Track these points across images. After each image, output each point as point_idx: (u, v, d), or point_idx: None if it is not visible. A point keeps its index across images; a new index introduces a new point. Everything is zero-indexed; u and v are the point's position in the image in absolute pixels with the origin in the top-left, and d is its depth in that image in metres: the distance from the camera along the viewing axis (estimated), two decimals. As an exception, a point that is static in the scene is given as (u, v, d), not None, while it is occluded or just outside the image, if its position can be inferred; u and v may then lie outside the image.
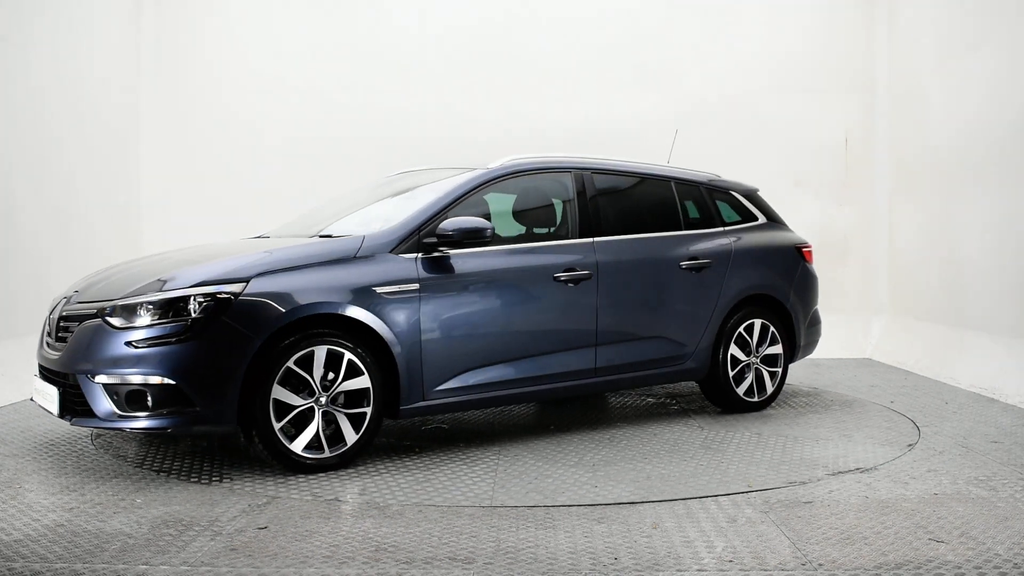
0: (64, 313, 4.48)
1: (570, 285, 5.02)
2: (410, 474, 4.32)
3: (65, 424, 5.37)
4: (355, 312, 4.30)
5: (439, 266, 4.61)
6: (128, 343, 4.05)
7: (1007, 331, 6.67)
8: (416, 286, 4.49)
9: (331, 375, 4.27)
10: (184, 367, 4.00)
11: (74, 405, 4.23)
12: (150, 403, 4.04)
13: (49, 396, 4.36)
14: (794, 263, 6.11)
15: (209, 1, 9.17)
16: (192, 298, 4.06)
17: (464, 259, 4.69)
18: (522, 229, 5.41)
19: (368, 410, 4.36)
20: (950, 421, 5.53)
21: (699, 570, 3.07)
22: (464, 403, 4.73)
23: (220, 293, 4.08)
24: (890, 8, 9.00)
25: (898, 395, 6.46)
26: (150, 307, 4.10)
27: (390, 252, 4.51)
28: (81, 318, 4.31)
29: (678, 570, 3.07)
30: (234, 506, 3.78)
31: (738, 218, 6.04)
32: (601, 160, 5.58)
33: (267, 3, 9.16)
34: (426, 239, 4.61)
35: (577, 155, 5.53)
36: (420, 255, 4.58)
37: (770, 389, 5.88)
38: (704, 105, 8.97)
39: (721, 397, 5.75)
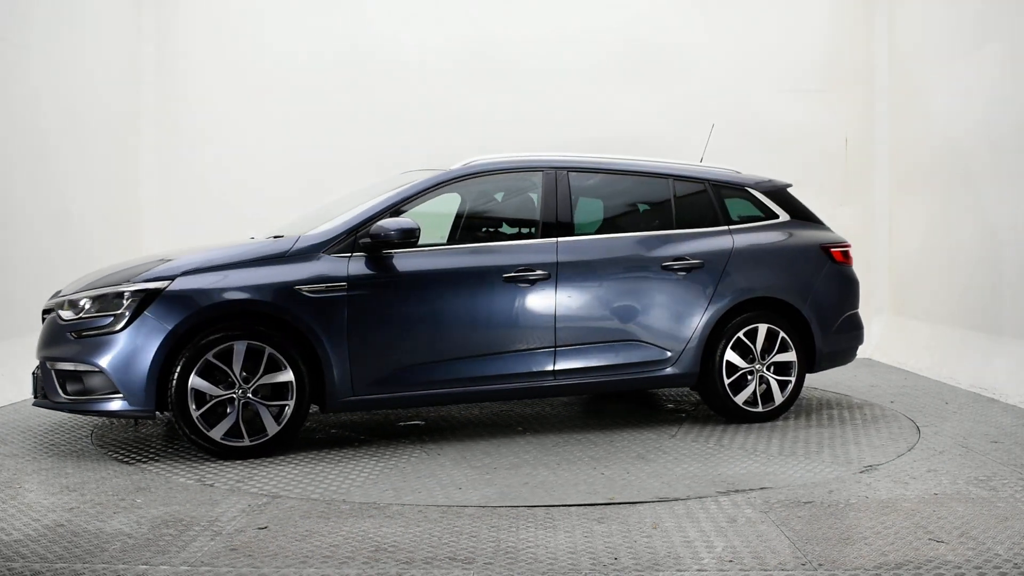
0: (45, 307, 5.03)
1: (522, 286, 4.96)
2: (307, 466, 4.45)
3: (65, 424, 5.41)
4: (274, 308, 4.54)
5: (374, 266, 4.75)
6: (70, 333, 4.54)
7: (1007, 331, 6.67)
8: (344, 284, 4.65)
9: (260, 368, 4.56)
10: (110, 356, 4.42)
11: (39, 389, 4.75)
12: (84, 388, 4.50)
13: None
14: (817, 264, 5.66)
15: (209, 2, 9.17)
16: (123, 294, 4.49)
17: (406, 259, 4.81)
18: (483, 229, 5.42)
19: (290, 403, 4.55)
20: (950, 421, 5.53)
21: (699, 570, 3.07)
22: (401, 399, 4.87)
23: (146, 289, 4.47)
24: (890, 8, 9.00)
25: (898, 395, 6.45)
26: (88, 302, 4.59)
27: (323, 252, 4.71)
28: (50, 311, 4.86)
29: (678, 570, 3.07)
30: (234, 506, 3.78)
31: (759, 215, 5.70)
32: (584, 158, 5.46)
33: (267, 4, 9.16)
34: (362, 239, 4.76)
35: (556, 154, 5.42)
36: (353, 255, 4.73)
37: (779, 399, 5.48)
38: (704, 105, 8.96)
39: (719, 406, 5.45)
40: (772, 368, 5.49)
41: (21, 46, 6.98)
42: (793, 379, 5.51)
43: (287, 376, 4.55)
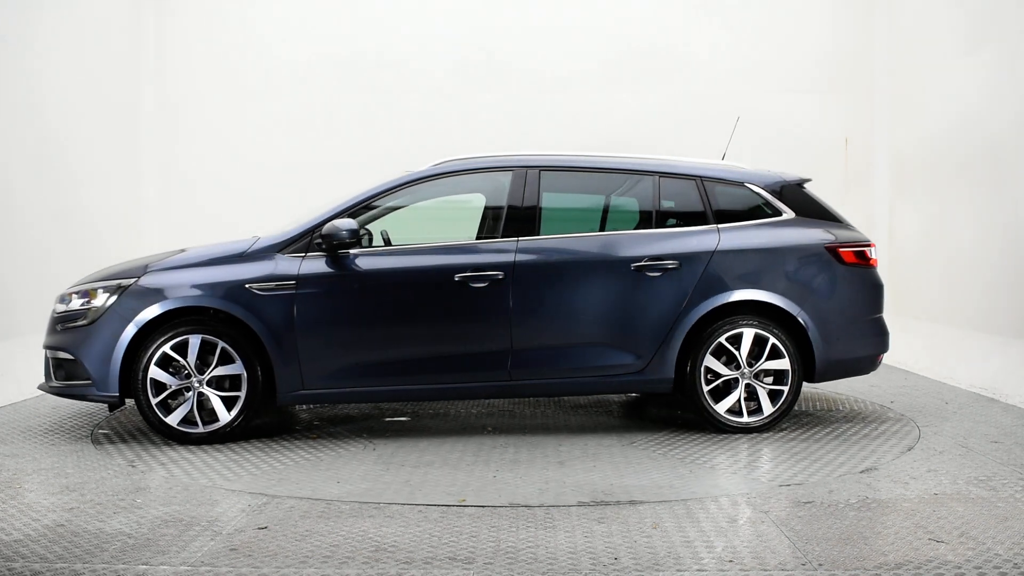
0: None
1: (476, 286, 4.91)
2: (234, 455, 4.68)
3: (65, 424, 5.42)
4: (222, 304, 4.81)
5: (325, 265, 4.90)
6: (58, 325, 5.00)
7: (1007, 331, 6.67)
8: (293, 283, 4.84)
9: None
10: (82, 345, 4.85)
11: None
12: (67, 375, 4.94)
13: None
14: (819, 265, 5.19)
15: (209, 2, 9.17)
16: (98, 290, 4.91)
17: (358, 259, 4.93)
18: (447, 230, 5.39)
19: (241, 394, 4.82)
20: (950, 421, 5.53)
21: (699, 570, 3.07)
22: (350, 395, 5.02)
23: (115, 286, 4.88)
24: (890, 8, 9.01)
25: (898, 395, 6.45)
26: (72, 296, 5.02)
27: (278, 252, 4.92)
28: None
29: (678, 570, 3.07)
30: (234, 506, 3.78)
31: (764, 213, 5.30)
32: (559, 157, 5.33)
33: (267, 4, 9.16)
34: (316, 240, 4.94)
35: (530, 153, 5.31)
36: (307, 255, 4.91)
37: (768, 409, 5.10)
38: (704, 104, 8.97)
39: (701, 415, 5.14)
40: (763, 376, 5.15)
41: (22, 46, 6.98)
42: (786, 389, 5.12)
43: (238, 369, 4.81)
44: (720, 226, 5.22)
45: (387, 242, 5.38)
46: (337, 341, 4.89)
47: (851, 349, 5.29)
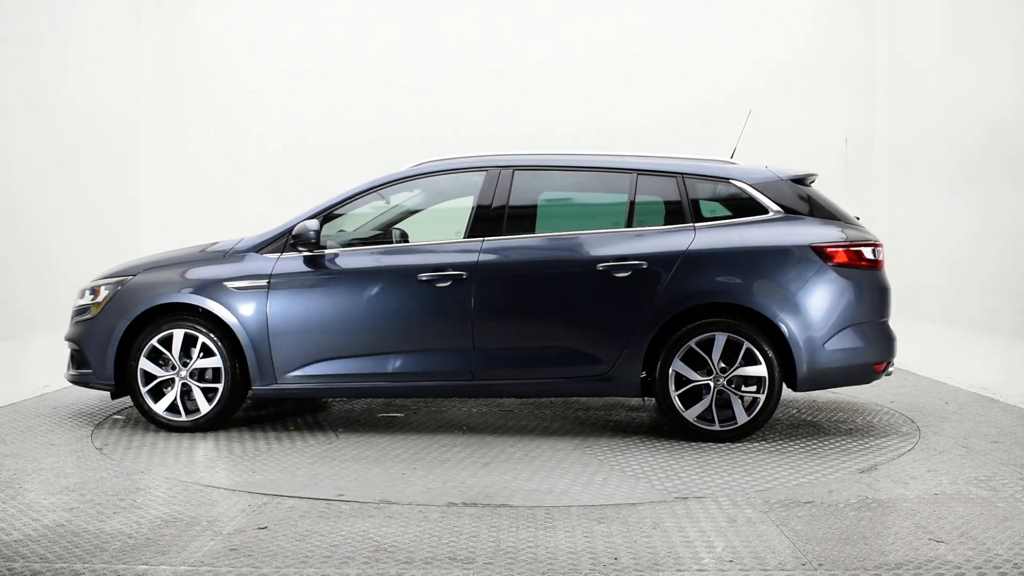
0: None
1: (439, 286, 4.94)
2: (169, 442, 4.94)
3: (65, 424, 5.42)
4: (204, 302, 5.05)
5: (298, 264, 5.09)
6: (74, 317, 5.36)
7: (1007, 331, 6.67)
8: (264, 282, 5.05)
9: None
10: (85, 337, 5.23)
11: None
12: (77, 364, 5.30)
13: None
14: (804, 266, 4.85)
15: (210, 2, 9.17)
16: (101, 286, 5.25)
17: (330, 259, 5.09)
18: (421, 231, 5.45)
19: (220, 386, 5.06)
20: (950, 421, 5.53)
21: (699, 570, 3.08)
22: (322, 390, 5.15)
23: (113, 283, 5.22)
24: (890, 8, 9.01)
25: (898, 395, 6.45)
26: (86, 291, 5.36)
27: (256, 252, 5.16)
28: None
29: (678, 570, 3.07)
30: (234, 506, 3.78)
31: (753, 210, 5.02)
32: (536, 157, 5.28)
33: (268, 4, 9.16)
34: (289, 240, 5.13)
35: (508, 153, 5.27)
36: (282, 255, 5.12)
37: (742, 418, 4.85)
38: (704, 105, 8.97)
39: (670, 421, 4.95)
40: (745, 383, 4.93)
41: (23, 47, 6.98)
42: (763, 396, 4.84)
43: (217, 362, 5.05)
44: (697, 225, 4.99)
45: (404, 240, 5.45)
46: (306, 337, 5.03)
47: (843, 357, 4.91)
